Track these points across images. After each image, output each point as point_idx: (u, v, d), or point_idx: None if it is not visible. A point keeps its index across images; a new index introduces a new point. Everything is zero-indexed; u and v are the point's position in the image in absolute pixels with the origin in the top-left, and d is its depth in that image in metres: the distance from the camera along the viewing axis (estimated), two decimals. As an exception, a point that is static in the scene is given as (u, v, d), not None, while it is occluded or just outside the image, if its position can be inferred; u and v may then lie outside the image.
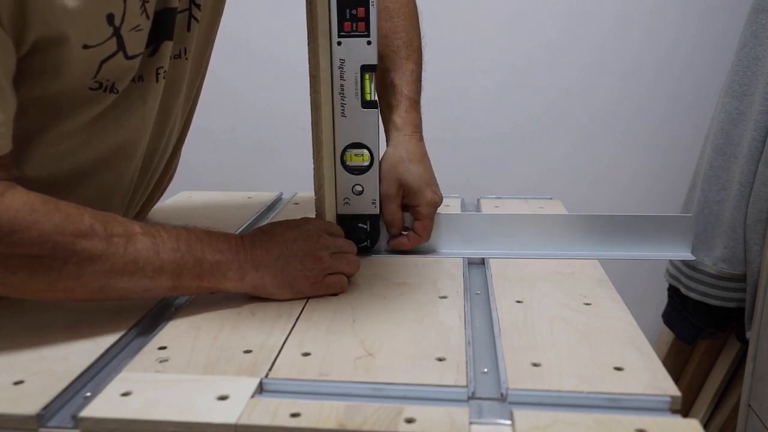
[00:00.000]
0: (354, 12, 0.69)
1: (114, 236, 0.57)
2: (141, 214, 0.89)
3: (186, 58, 0.74)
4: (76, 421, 0.47)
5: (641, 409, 0.48)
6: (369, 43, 0.70)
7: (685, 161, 1.55)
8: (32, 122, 0.63)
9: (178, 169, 0.93)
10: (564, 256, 0.80)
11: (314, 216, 0.77)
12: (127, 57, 0.64)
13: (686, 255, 0.81)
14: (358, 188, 0.77)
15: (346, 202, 0.78)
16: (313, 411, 0.47)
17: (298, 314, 0.63)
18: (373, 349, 0.56)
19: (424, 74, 0.86)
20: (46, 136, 0.65)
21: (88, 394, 0.51)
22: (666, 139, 1.60)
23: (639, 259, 0.81)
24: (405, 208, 0.80)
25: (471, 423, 0.46)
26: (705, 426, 1.43)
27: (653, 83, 1.57)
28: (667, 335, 1.52)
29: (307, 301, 0.66)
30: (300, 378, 0.52)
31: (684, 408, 0.93)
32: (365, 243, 0.80)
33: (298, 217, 0.71)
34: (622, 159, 1.62)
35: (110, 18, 0.60)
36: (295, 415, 0.47)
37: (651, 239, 0.81)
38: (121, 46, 0.62)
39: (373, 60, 0.71)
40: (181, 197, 1.10)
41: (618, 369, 0.53)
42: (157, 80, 0.70)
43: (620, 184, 1.64)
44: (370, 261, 0.79)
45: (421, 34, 0.86)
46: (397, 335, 0.59)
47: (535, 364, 0.53)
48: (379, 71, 0.81)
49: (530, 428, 0.45)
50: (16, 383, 0.51)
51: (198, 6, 0.72)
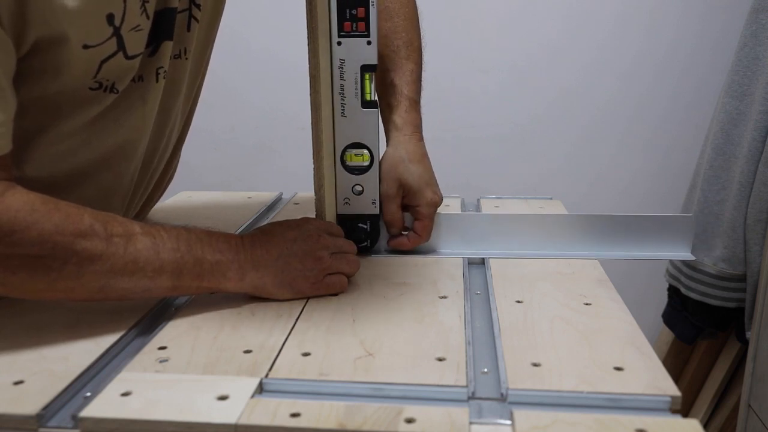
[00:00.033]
0: (354, 12, 0.69)
1: (114, 236, 0.57)
2: (141, 214, 0.89)
3: (186, 58, 0.74)
4: (76, 421, 0.47)
5: (641, 409, 0.48)
6: (369, 43, 0.70)
7: (685, 161, 1.55)
8: (32, 122, 0.63)
9: (178, 169, 0.93)
10: (564, 256, 0.80)
11: (314, 216, 0.77)
12: (127, 57, 0.64)
13: (686, 255, 0.81)
14: (358, 188, 0.77)
15: (346, 202, 0.78)
16: (313, 411, 0.47)
17: (298, 314, 0.63)
18: (373, 349, 0.56)
19: (424, 74, 0.86)
20: (46, 136, 0.65)
21: (88, 394, 0.51)
22: (666, 139, 1.60)
23: (639, 259, 0.81)
24: (405, 208, 0.80)
25: (471, 423, 0.46)
26: (705, 426, 1.43)
27: (653, 83, 1.57)
28: (667, 335, 1.52)
29: (307, 301, 0.66)
30: (300, 378, 0.52)
31: (684, 408, 0.93)
32: (365, 243, 0.80)
33: (298, 217, 0.71)
34: (622, 159, 1.62)
35: (110, 18, 0.60)
36: (295, 415, 0.47)
37: (651, 239, 0.81)
38: (121, 46, 0.62)
39: (373, 60, 0.71)
40: (181, 197, 1.09)
41: (618, 369, 0.53)
42: (157, 80, 0.70)
43: (620, 184, 1.64)
44: (370, 261, 0.79)
45: (421, 34, 0.86)
46: (397, 335, 0.59)
47: (535, 364, 0.53)
48: (379, 71, 0.81)
49: (530, 428, 0.45)
50: (16, 383, 0.51)
51: (198, 6, 0.72)
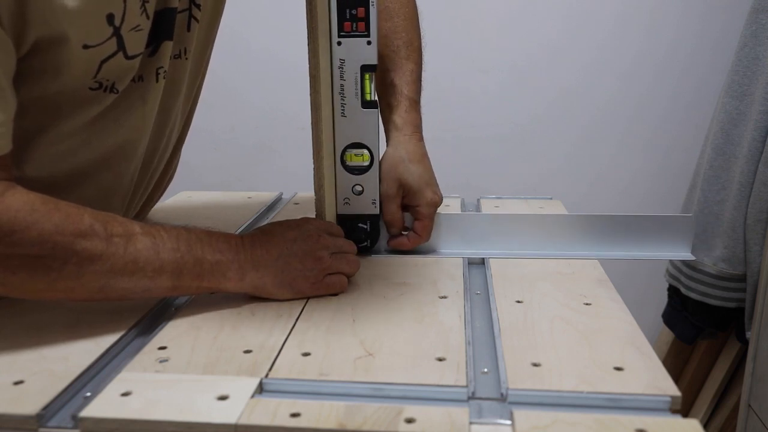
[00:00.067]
0: (354, 12, 0.69)
1: (114, 236, 0.57)
2: (141, 214, 0.89)
3: (186, 58, 0.74)
4: (76, 421, 0.47)
5: (641, 409, 0.48)
6: (369, 43, 0.70)
7: (685, 161, 1.55)
8: (32, 122, 0.63)
9: (178, 169, 0.93)
10: (564, 256, 0.80)
11: (314, 216, 0.77)
12: (127, 57, 0.64)
13: (686, 255, 0.81)
14: (358, 188, 0.77)
15: (346, 202, 0.78)
16: (313, 411, 0.47)
17: (298, 314, 0.63)
18: (373, 349, 0.56)
19: (424, 74, 0.86)
20: (46, 136, 0.65)
21: (88, 394, 0.51)
22: (666, 139, 1.60)
23: (639, 259, 0.81)
24: (405, 208, 0.80)
25: (471, 423, 0.46)
26: (705, 426, 1.43)
27: (653, 83, 1.57)
28: (667, 335, 1.52)
29: (307, 301, 0.66)
30: (300, 378, 0.52)
31: (684, 408, 0.93)
32: (365, 243, 0.80)
33: (298, 217, 0.71)
34: (622, 159, 1.62)
35: (110, 18, 0.60)
36: (295, 415, 0.47)
37: (651, 239, 0.81)
38: (121, 46, 0.62)
39: (373, 60, 0.71)
40: (181, 197, 1.09)
41: (618, 369, 0.53)
42: (157, 80, 0.70)
43: (620, 184, 1.64)
44: (370, 261, 0.79)
45: (421, 34, 0.86)
46: (397, 335, 0.59)
47: (535, 364, 0.53)
48: (379, 71, 0.81)
49: (530, 428, 0.45)
50: (16, 383, 0.51)
51: (198, 6, 0.72)
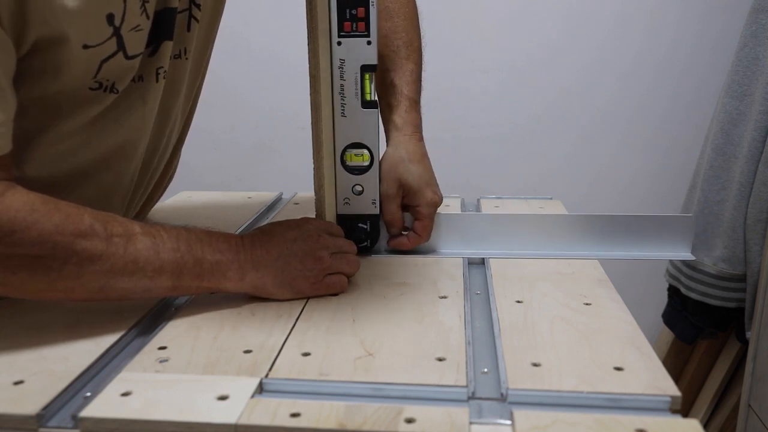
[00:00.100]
0: (354, 12, 0.69)
1: (114, 236, 0.57)
2: (141, 214, 0.89)
3: (186, 58, 0.74)
4: (76, 421, 0.47)
5: (641, 409, 0.48)
6: (369, 43, 0.70)
7: (685, 161, 1.55)
8: (32, 122, 0.63)
9: (178, 169, 0.93)
10: (564, 256, 0.80)
11: (314, 216, 0.77)
12: (127, 57, 0.64)
13: (686, 255, 0.81)
14: (358, 188, 0.77)
15: (346, 202, 0.78)
16: (313, 411, 0.47)
17: (298, 314, 0.63)
18: (373, 349, 0.56)
19: (424, 74, 0.86)
20: (46, 136, 0.65)
21: (88, 394, 0.51)
22: (666, 139, 1.60)
23: (639, 259, 0.81)
24: (405, 208, 0.80)
25: (471, 423, 0.46)
26: (705, 426, 1.43)
27: (653, 83, 1.57)
28: (667, 335, 1.52)
29: (307, 301, 0.66)
30: (300, 378, 0.52)
31: (684, 408, 0.93)
32: (365, 243, 0.80)
33: (298, 217, 0.71)
34: (622, 159, 1.62)
35: (110, 18, 0.60)
36: (295, 415, 0.47)
37: (651, 239, 0.81)
38: (121, 46, 0.62)
39: (373, 60, 0.71)
40: (181, 197, 1.09)
41: (618, 369, 0.53)
42: (157, 80, 0.70)
43: (620, 184, 1.64)
44: (370, 261, 0.79)
45: (421, 34, 0.86)
46: (397, 335, 0.59)
47: (535, 364, 0.53)
48: (379, 71, 0.81)
49: (530, 428, 0.45)
50: (16, 383, 0.51)
51: (198, 6, 0.72)
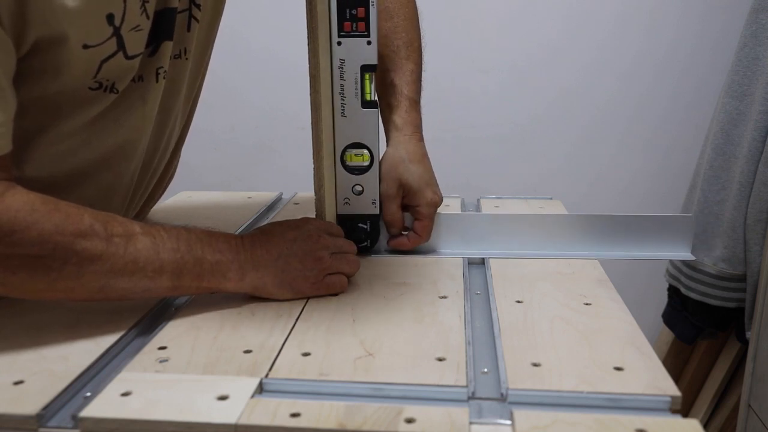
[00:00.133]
0: (354, 12, 0.69)
1: (114, 236, 0.57)
2: (141, 214, 0.89)
3: (186, 58, 0.74)
4: (76, 421, 0.47)
5: (641, 409, 0.48)
6: (369, 43, 0.70)
7: (685, 161, 1.55)
8: (32, 122, 0.63)
9: (178, 169, 0.93)
10: (564, 256, 0.80)
11: (314, 216, 0.77)
12: (127, 57, 0.64)
13: (686, 255, 0.81)
14: (358, 188, 0.77)
15: (346, 202, 0.78)
16: (313, 411, 0.47)
17: (298, 314, 0.63)
18: (373, 349, 0.56)
19: (424, 74, 0.86)
20: (46, 136, 0.65)
21: (88, 394, 0.51)
22: (666, 139, 1.60)
23: (639, 259, 0.81)
24: (405, 208, 0.80)
25: (471, 423, 0.46)
26: (705, 426, 1.43)
27: (653, 83, 1.57)
28: (667, 335, 1.52)
29: (307, 301, 0.66)
30: (300, 378, 0.52)
31: (684, 408, 0.93)
32: (365, 243, 0.80)
33: (298, 217, 0.71)
34: (622, 159, 1.62)
35: (110, 18, 0.60)
36: (295, 415, 0.47)
37: (651, 239, 0.81)
38: (121, 46, 0.62)
39: (373, 60, 0.71)
40: (181, 197, 1.09)
41: (618, 369, 0.53)
42: (157, 80, 0.70)
43: (620, 184, 1.64)
44: (370, 261, 0.79)
45: (421, 34, 0.86)
46: (397, 335, 0.59)
47: (535, 364, 0.53)
48: (379, 71, 0.81)
49: (530, 428, 0.45)
50: (16, 383, 0.51)
51: (198, 6, 0.72)
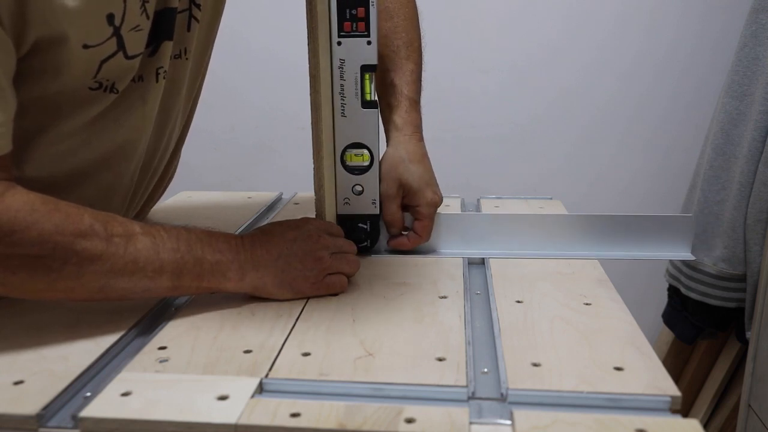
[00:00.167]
0: (354, 12, 0.69)
1: (114, 236, 0.57)
2: (141, 214, 0.89)
3: (186, 58, 0.74)
4: (76, 421, 0.47)
5: (641, 409, 0.48)
6: (369, 43, 0.70)
7: (685, 161, 1.55)
8: (32, 122, 0.63)
9: (178, 169, 0.93)
10: (564, 256, 0.80)
11: (314, 216, 0.77)
12: (127, 57, 0.64)
13: (686, 255, 0.81)
14: (358, 188, 0.77)
15: (346, 202, 0.78)
16: (313, 411, 0.47)
17: (298, 314, 0.63)
18: (373, 349, 0.56)
19: (424, 74, 0.86)
20: (46, 136, 0.65)
21: (88, 394, 0.51)
22: (666, 139, 1.60)
23: (639, 259, 0.81)
24: (405, 208, 0.80)
25: (471, 423, 0.46)
26: (705, 426, 1.43)
27: (653, 83, 1.57)
28: (667, 335, 1.52)
29: (307, 301, 0.66)
30: (300, 378, 0.52)
31: (684, 408, 0.93)
32: (365, 243, 0.80)
33: (298, 217, 0.71)
34: (622, 159, 1.62)
35: (110, 18, 0.60)
36: (295, 415, 0.47)
37: (651, 239, 0.81)
38: (121, 46, 0.62)
39: (373, 60, 0.71)
40: (181, 197, 1.09)
41: (618, 369, 0.53)
42: (157, 80, 0.70)
43: (620, 184, 1.64)
44: (370, 261, 0.79)
45: (421, 34, 0.86)
46: (397, 335, 0.59)
47: (535, 364, 0.53)
48: (379, 71, 0.81)
49: (530, 428, 0.45)
50: (16, 383, 0.51)
51: (198, 6, 0.72)
